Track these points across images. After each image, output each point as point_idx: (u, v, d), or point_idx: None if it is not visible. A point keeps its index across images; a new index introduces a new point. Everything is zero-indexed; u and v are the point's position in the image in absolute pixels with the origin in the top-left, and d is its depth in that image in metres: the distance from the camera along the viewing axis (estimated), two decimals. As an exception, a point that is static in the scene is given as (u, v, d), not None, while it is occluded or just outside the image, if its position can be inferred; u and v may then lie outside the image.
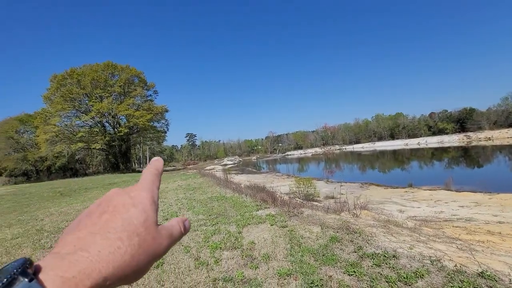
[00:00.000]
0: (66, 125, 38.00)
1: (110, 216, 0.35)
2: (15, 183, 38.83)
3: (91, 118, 38.18)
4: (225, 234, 5.34)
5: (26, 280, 0.25)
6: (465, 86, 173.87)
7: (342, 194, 12.63)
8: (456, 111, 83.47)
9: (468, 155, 34.54)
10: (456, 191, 13.40)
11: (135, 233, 0.34)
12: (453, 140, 65.03)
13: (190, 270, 3.89)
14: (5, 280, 0.24)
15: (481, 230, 6.84)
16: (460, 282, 2.88)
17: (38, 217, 9.32)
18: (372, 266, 3.49)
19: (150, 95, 45.03)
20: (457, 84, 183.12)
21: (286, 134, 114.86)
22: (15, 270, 0.25)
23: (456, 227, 7.42)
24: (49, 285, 0.26)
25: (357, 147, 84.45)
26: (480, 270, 3.15)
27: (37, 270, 0.27)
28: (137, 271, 0.33)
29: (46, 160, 44.22)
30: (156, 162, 0.46)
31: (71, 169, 49.33)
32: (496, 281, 2.90)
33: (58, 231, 7.00)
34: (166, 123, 46.75)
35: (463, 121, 78.61)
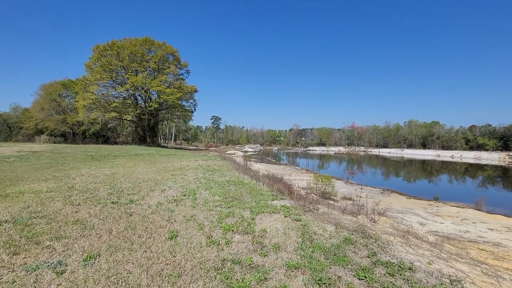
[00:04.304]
0: (103, 94, 40.28)
1: None
2: (54, 142, 42.32)
3: (125, 90, 40.03)
4: (239, 218, 5.43)
5: None
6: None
7: (361, 197, 12.27)
8: (501, 126, 76.01)
9: (507, 176, 31.68)
10: (487, 213, 12.48)
11: None
12: (492, 157, 59.85)
13: (201, 247, 4.02)
14: None
15: (510, 257, 6.33)
16: (481, 308, 2.68)
17: (71, 176, 10.11)
18: (385, 275, 3.36)
19: (182, 74, 46.03)
20: (506, 98, 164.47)
21: (311, 129, 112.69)
22: None
23: (482, 249, 6.93)
24: None
25: (384, 152, 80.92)
26: (505, 299, 2.92)
27: None
28: None
29: (82, 125, 47.54)
30: None
31: (103, 136, 52.62)
32: (523, 314, 2.67)
33: (87, 191, 7.54)
34: (194, 103, 47.72)
35: (507, 139, 71.67)
